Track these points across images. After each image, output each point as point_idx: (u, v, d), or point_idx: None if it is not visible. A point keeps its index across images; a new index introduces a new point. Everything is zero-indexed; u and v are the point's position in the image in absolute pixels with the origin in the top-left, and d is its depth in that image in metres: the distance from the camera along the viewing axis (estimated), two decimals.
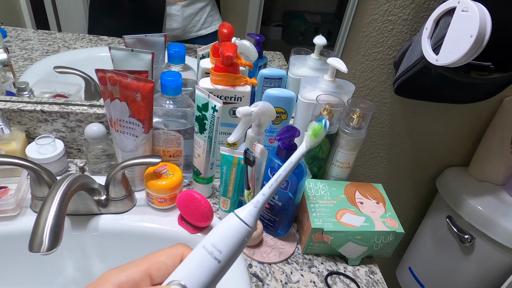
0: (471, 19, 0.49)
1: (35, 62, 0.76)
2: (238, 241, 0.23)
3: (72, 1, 0.76)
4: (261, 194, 0.25)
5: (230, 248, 0.23)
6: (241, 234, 0.23)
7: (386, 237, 0.58)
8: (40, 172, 0.54)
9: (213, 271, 0.22)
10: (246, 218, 0.24)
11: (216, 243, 0.23)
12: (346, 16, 0.75)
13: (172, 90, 0.59)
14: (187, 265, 0.23)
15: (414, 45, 0.64)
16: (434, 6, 0.68)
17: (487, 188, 0.91)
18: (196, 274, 0.22)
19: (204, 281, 0.22)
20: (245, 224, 0.23)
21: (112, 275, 0.23)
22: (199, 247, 0.23)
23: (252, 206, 0.24)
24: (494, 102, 0.85)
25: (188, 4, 0.78)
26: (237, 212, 0.24)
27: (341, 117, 0.63)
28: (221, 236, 0.23)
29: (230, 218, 0.24)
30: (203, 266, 0.22)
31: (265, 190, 0.25)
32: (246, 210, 0.24)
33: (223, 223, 0.24)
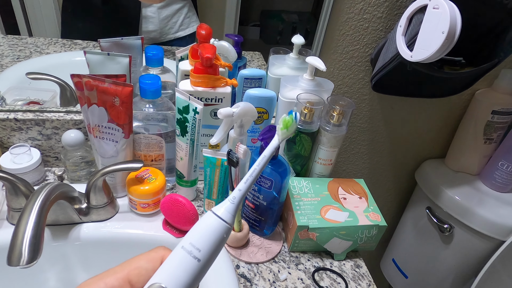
0: (442, 16, 0.51)
1: (6, 68, 0.73)
2: (217, 238, 0.23)
3: (43, 5, 0.73)
4: (237, 190, 0.25)
5: (209, 246, 0.23)
6: (219, 232, 0.23)
7: (370, 231, 0.59)
8: (16, 182, 0.52)
9: (193, 270, 0.22)
10: (224, 215, 0.24)
11: (195, 242, 0.23)
12: (323, 14, 0.77)
13: (152, 94, 0.58)
14: (167, 267, 0.22)
15: (389, 42, 0.66)
16: (407, 3, 0.70)
17: (463, 178, 0.94)
18: (177, 275, 0.22)
19: (185, 282, 0.22)
20: (223, 221, 0.23)
21: (90, 285, 0.23)
22: (178, 248, 0.23)
23: (229, 202, 0.24)
24: (467, 95, 0.88)
25: (164, 6, 0.77)
26: (215, 210, 0.24)
27: (321, 115, 0.64)
28: (199, 235, 0.23)
29: (208, 216, 0.24)
30: (183, 266, 0.22)
31: (241, 186, 0.25)
32: (223, 207, 0.24)
33: (201, 222, 0.24)
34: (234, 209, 0.24)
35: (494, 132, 0.87)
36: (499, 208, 0.86)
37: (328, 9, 0.75)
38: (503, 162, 0.87)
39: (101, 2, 0.72)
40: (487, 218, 0.84)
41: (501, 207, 0.86)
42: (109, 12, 0.76)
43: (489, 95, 0.85)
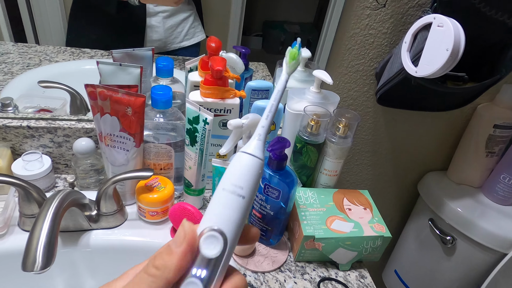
0: (446, 34, 0.53)
1: (16, 76, 0.75)
2: (255, 174, 0.23)
3: (50, 13, 0.75)
4: (260, 127, 0.25)
5: (250, 182, 0.23)
6: (255, 167, 0.24)
7: (375, 242, 0.60)
8: (29, 189, 0.53)
9: (241, 208, 0.22)
10: (255, 152, 0.24)
11: (235, 181, 0.23)
12: (325, 26, 0.79)
13: (163, 104, 0.59)
14: (215, 210, 0.22)
15: (394, 58, 0.68)
16: (411, 20, 0.72)
17: (465, 190, 0.95)
18: (227, 215, 0.22)
19: (235, 220, 0.22)
20: (256, 157, 0.24)
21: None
22: (220, 191, 0.23)
23: (256, 140, 0.24)
24: (469, 109, 0.90)
25: (169, 15, 0.78)
26: (245, 150, 0.24)
27: (327, 127, 0.65)
28: (238, 174, 0.23)
29: (240, 156, 0.24)
30: (231, 206, 0.22)
31: (263, 122, 0.25)
32: (252, 145, 0.24)
33: (235, 163, 0.24)
34: (262, 145, 0.24)
35: (496, 145, 0.89)
36: (501, 221, 0.87)
37: (330, 20, 0.77)
38: (504, 175, 0.89)
39: (115, 10, 0.73)
40: (489, 230, 0.85)
41: (503, 219, 0.87)
42: (115, 21, 0.77)
43: (491, 110, 0.87)
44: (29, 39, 0.75)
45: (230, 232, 0.22)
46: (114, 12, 0.73)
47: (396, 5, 0.70)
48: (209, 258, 0.21)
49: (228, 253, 0.22)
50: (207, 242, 0.22)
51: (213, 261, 0.22)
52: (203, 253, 0.22)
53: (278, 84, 0.26)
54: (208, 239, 0.22)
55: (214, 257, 0.22)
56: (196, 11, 0.82)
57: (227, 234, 0.22)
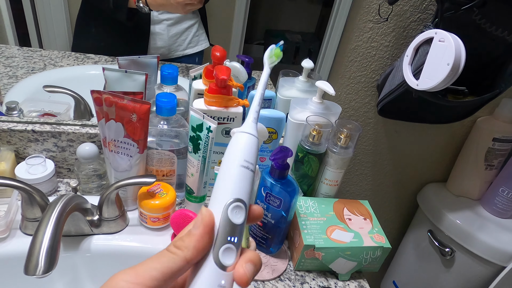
0: (448, 49, 0.54)
1: (21, 80, 0.75)
2: (256, 151, 0.27)
3: (55, 18, 0.75)
4: (255, 112, 0.28)
5: (254, 158, 0.27)
6: (256, 145, 0.27)
7: (374, 252, 0.61)
8: (32, 193, 0.53)
9: (252, 180, 0.26)
10: (255, 132, 0.28)
11: (248, 158, 0.26)
12: (326, 35, 0.80)
13: (167, 111, 0.60)
14: (236, 184, 0.25)
15: (396, 70, 0.69)
16: (413, 34, 0.73)
17: (464, 202, 0.96)
18: (244, 187, 0.25)
19: (249, 190, 0.26)
20: (256, 137, 0.27)
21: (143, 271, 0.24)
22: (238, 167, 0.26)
23: (252, 122, 0.28)
24: (468, 122, 0.91)
25: (173, 23, 0.80)
26: (247, 130, 0.27)
27: (329, 137, 0.66)
28: (247, 151, 0.26)
29: (242, 136, 0.27)
30: (246, 179, 0.26)
31: (257, 108, 0.29)
32: (250, 127, 0.27)
33: (238, 142, 0.27)
34: (255, 126, 0.28)
35: (495, 158, 0.90)
36: (499, 234, 0.87)
37: (331, 30, 0.78)
38: (503, 189, 0.89)
39: (125, 18, 0.74)
40: (488, 243, 0.85)
41: (501, 232, 0.87)
42: (120, 27, 0.78)
43: (490, 123, 0.88)
44: (33, 43, 0.76)
45: (247, 202, 0.26)
46: (124, 20, 0.74)
47: (398, 19, 0.72)
48: (237, 225, 0.24)
49: (248, 219, 0.26)
50: (234, 212, 0.25)
51: (239, 227, 0.25)
52: (233, 222, 0.24)
53: (263, 76, 0.31)
54: (235, 209, 0.25)
55: (241, 223, 0.25)
56: (200, 20, 0.84)
57: (247, 203, 0.26)
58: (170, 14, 0.78)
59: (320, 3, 0.91)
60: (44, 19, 0.75)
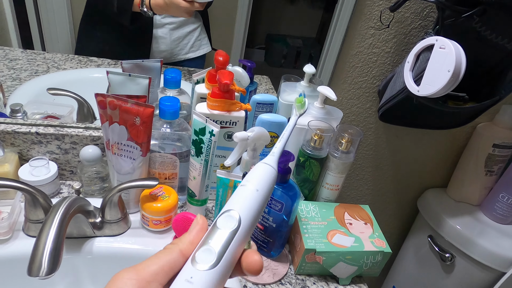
0: (448, 56, 0.55)
1: (24, 82, 0.76)
2: (270, 178, 0.29)
3: (58, 20, 0.76)
4: (276, 148, 0.31)
5: (266, 183, 0.28)
6: (271, 174, 0.29)
7: (375, 257, 0.61)
8: (36, 194, 0.54)
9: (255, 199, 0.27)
10: (273, 164, 0.30)
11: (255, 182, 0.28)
12: (327, 40, 0.80)
13: (170, 115, 0.61)
14: (234, 198, 0.27)
15: (397, 76, 0.70)
16: (414, 40, 0.74)
17: (465, 208, 0.96)
18: (244, 203, 0.27)
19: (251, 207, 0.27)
20: (273, 168, 0.29)
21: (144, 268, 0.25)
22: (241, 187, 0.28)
23: (272, 156, 0.30)
24: (469, 128, 0.92)
25: (176, 27, 0.80)
26: (266, 161, 0.30)
27: (330, 141, 0.67)
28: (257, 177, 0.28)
29: (261, 166, 0.29)
30: (247, 197, 0.27)
31: (279, 146, 0.31)
32: (270, 160, 0.30)
33: (256, 169, 0.29)
34: (276, 161, 0.30)
35: (495, 164, 0.90)
36: (499, 240, 0.87)
37: (332, 35, 0.79)
38: (503, 194, 0.89)
39: (129, 22, 0.74)
40: (488, 249, 0.85)
41: (501, 238, 0.88)
42: (123, 31, 0.79)
43: (490, 129, 0.89)
44: (36, 45, 0.77)
45: (244, 215, 0.26)
46: (128, 24, 0.75)
47: (400, 26, 0.73)
48: (223, 231, 0.25)
49: (242, 233, 0.26)
50: (223, 219, 0.26)
51: (227, 235, 0.25)
52: (218, 226, 0.25)
53: (291, 121, 0.34)
54: (224, 217, 0.26)
55: (228, 230, 0.25)
56: (202, 24, 0.84)
57: (241, 215, 0.26)
58: (172, 18, 0.79)
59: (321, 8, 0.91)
60: (47, 22, 0.75)
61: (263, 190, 0.28)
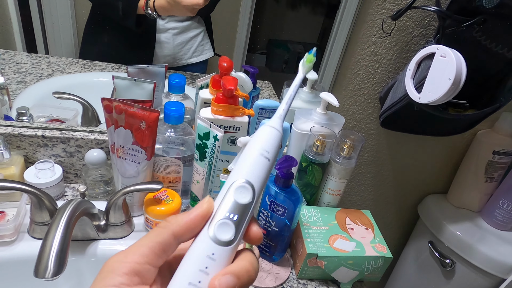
0: (449, 64, 0.56)
1: (29, 85, 0.76)
2: (277, 143, 0.28)
3: (62, 25, 0.76)
4: (282, 109, 0.29)
5: (274, 148, 0.27)
6: (278, 138, 0.28)
7: (376, 262, 0.61)
8: (42, 197, 0.54)
9: (266, 168, 0.26)
10: (279, 127, 0.28)
11: (263, 147, 0.27)
12: (328, 46, 0.81)
13: (175, 119, 0.62)
14: (248, 167, 0.26)
15: (398, 84, 0.71)
16: (415, 48, 0.75)
17: (465, 214, 0.96)
18: (256, 172, 0.26)
19: (262, 176, 0.26)
20: (279, 131, 0.28)
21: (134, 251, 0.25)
22: (255, 154, 0.26)
23: (278, 119, 0.29)
24: (469, 135, 0.93)
25: (179, 32, 0.81)
26: (271, 124, 0.28)
27: (332, 147, 0.67)
28: (265, 141, 0.27)
29: (267, 128, 0.28)
30: (260, 165, 0.26)
31: (285, 106, 0.29)
32: (275, 122, 0.28)
33: (262, 133, 0.28)
34: (282, 122, 0.29)
35: (495, 171, 0.91)
36: (499, 246, 0.88)
37: (333, 41, 0.80)
38: (503, 201, 0.90)
39: (134, 25, 0.75)
40: (488, 255, 0.86)
41: (501, 245, 0.88)
42: (126, 36, 0.80)
43: (490, 136, 0.89)
44: (40, 49, 0.77)
45: (258, 186, 0.26)
46: (133, 26, 0.75)
47: (401, 34, 0.74)
48: (241, 204, 0.25)
49: (255, 205, 0.25)
50: (239, 191, 0.25)
51: (243, 208, 0.25)
52: (236, 200, 0.25)
53: (296, 79, 0.31)
54: (240, 188, 0.25)
55: (246, 203, 0.25)
56: (205, 30, 0.85)
57: (256, 187, 0.25)
58: (176, 23, 0.80)
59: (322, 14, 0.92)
60: (51, 26, 0.76)
61: (272, 158, 0.27)
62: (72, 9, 0.76)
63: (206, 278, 0.23)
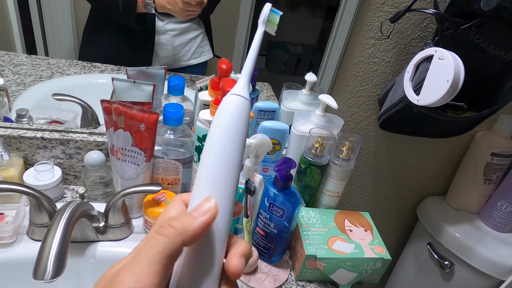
0: (447, 66, 0.56)
1: (29, 87, 0.76)
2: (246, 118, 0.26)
3: (61, 26, 0.77)
4: (246, 68, 0.28)
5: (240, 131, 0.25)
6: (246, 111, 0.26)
7: (375, 264, 0.62)
8: (41, 199, 0.55)
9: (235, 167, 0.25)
10: (244, 93, 0.26)
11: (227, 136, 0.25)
12: (327, 48, 0.82)
13: (174, 121, 0.62)
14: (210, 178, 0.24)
15: (397, 86, 0.71)
16: (413, 51, 0.75)
17: (464, 216, 0.97)
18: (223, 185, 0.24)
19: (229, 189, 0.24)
20: (245, 99, 0.26)
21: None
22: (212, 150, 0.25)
23: (242, 82, 0.27)
24: (467, 136, 0.93)
25: (178, 34, 0.81)
26: (235, 92, 0.26)
27: (331, 149, 0.68)
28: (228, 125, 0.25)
29: (230, 101, 0.26)
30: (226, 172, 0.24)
31: (248, 65, 0.28)
32: (240, 88, 0.27)
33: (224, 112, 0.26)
34: (247, 87, 0.27)
35: (494, 173, 0.91)
36: (498, 248, 0.88)
37: (332, 43, 0.80)
38: (502, 203, 0.90)
39: (134, 23, 0.74)
40: (487, 256, 0.86)
41: (500, 246, 0.88)
42: (126, 37, 0.80)
43: (489, 138, 0.90)
44: (39, 51, 0.78)
45: (222, 202, 0.24)
46: (132, 24, 0.75)
47: (400, 37, 0.74)
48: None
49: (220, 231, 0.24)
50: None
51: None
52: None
53: (257, 36, 0.30)
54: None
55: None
56: (205, 31, 0.86)
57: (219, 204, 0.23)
58: (175, 25, 0.80)
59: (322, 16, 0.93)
60: (51, 28, 0.76)
61: (236, 141, 0.24)
62: (71, 11, 0.76)
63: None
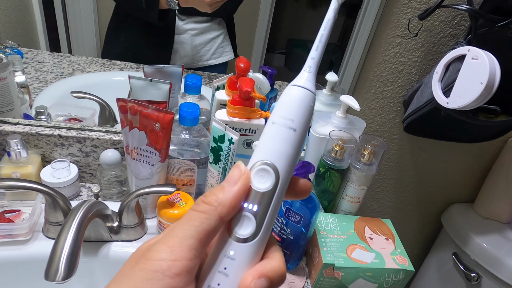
0: (481, 67, 0.52)
1: (50, 84, 0.77)
2: (306, 106, 0.22)
3: (85, 24, 0.77)
4: (310, 59, 0.24)
5: (301, 114, 0.22)
6: (306, 100, 0.22)
7: (397, 275, 0.58)
8: (56, 197, 0.54)
9: (292, 141, 0.22)
10: (305, 84, 0.23)
11: (285, 114, 0.22)
12: (349, 47, 0.78)
13: (190, 121, 0.60)
14: (264, 144, 0.22)
15: (424, 87, 0.67)
16: (443, 50, 0.71)
17: (493, 225, 0.91)
18: (277, 148, 0.21)
19: (287, 153, 0.21)
20: (307, 89, 0.23)
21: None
22: (269, 125, 0.22)
23: (307, 72, 0.23)
24: (499, 141, 0.87)
25: (198, 33, 0.80)
26: (295, 83, 0.23)
27: (352, 152, 0.64)
28: (288, 107, 0.22)
29: (290, 89, 0.23)
30: (282, 139, 0.21)
31: (313, 54, 0.24)
32: (303, 78, 0.23)
33: (284, 96, 0.23)
34: (313, 77, 0.23)
35: None
36: None
37: (354, 42, 0.77)
38: None
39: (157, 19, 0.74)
40: None
41: None
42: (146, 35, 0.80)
43: None
44: (63, 48, 0.78)
45: (282, 166, 0.21)
46: (156, 21, 0.75)
47: (428, 35, 0.70)
48: (261, 192, 0.21)
49: (280, 189, 0.21)
50: (258, 175, 0.21)
51: (265, 195, 0.21)
52: (255, 187, 0.21)
53: (328, 13, 0.25)
54: (259, 172, 0.21)
55: (266, 190, 0.21)
56: (226, 31, 0.84)
57: (279, 168, 0.21)
58: (195, 24, 0.79)
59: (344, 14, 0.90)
60: (75, 26, 0.77)
61: (301, 128, 0.22)
62: (94, 9, 0.77)
63: (225, 280, 0.20)
